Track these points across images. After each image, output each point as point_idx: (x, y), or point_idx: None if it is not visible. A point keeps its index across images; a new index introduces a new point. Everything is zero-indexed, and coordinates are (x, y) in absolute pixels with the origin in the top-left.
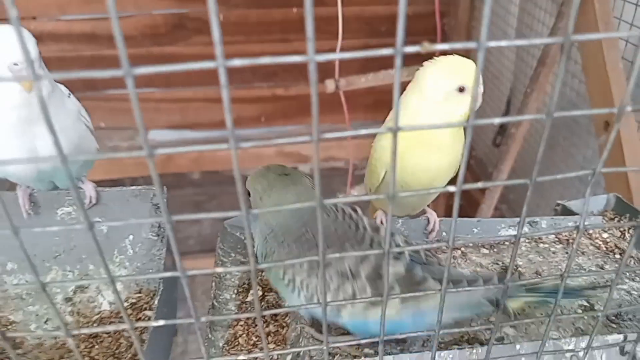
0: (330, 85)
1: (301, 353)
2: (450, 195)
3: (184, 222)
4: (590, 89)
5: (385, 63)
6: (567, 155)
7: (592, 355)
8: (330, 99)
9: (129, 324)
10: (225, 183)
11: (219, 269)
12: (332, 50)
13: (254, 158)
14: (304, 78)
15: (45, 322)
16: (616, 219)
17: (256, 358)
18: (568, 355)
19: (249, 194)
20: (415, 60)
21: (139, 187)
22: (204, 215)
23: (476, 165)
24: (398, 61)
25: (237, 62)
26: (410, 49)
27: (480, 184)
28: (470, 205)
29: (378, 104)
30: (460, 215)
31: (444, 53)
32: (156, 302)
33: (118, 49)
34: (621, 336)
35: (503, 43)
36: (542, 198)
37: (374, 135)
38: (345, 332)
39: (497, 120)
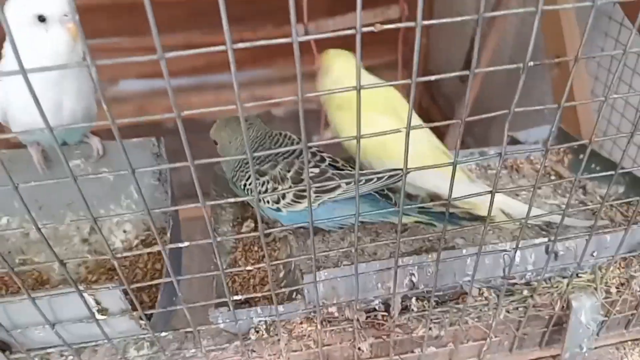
0: (299, 31)
1: (292, 267)
2: None
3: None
4: (543, 26)
5: (352, 5)
6: (526, 88)
7: (524, 256)
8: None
9: (161, 245)
10: (201, 131)
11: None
12: None
13: (229, 103)
14: (271, 21)
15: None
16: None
17: (259, 268)
18: (502, 254)
19: (215, 142)
20: (383, 1)
21: (140, 138)
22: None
23: (443, 101)
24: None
25: None
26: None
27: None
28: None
29: (346, 45)
30: None
31: None
32: (169, 234)
33: None
34: (545, 239)
35: None
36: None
37: None
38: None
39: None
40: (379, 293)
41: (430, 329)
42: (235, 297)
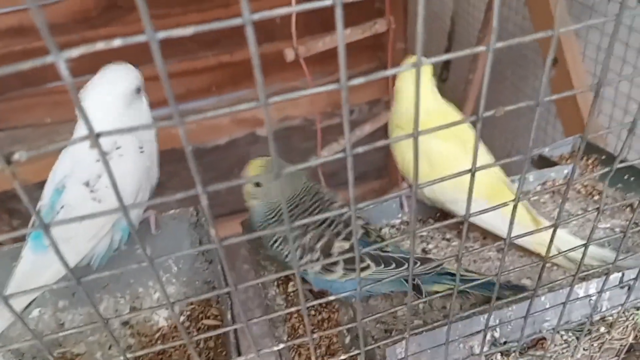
0: (289, 54)
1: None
2: None
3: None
4: (536, 26)
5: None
6: (516, 89)
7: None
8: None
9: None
10: (184, 160)
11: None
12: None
13: (210, 129)
14: (247, 42)
15: (109, 349)
16: (584, 159)
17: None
18: (584, 300)
19: (257, 184)
20: (366, 16)
21: (177, 210)
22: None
23: None
24: None
25: (162, 35)
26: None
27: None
28: None
29: (333, 57)
30: None
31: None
32: (228, 314)
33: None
34: (620, 274)
35: None
36: (500, 136)
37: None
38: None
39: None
40: (461, 354)
41: None
42: None
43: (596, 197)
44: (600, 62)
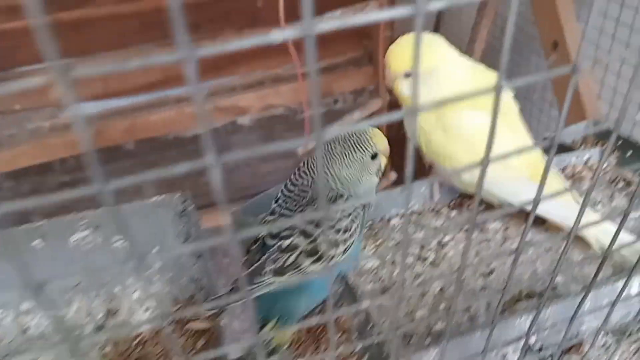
0: (277, 35)
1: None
2: None
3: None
4: (536, 8)
5: (331, 4)
6: (511, 75)
7: None
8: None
9: None
10: (163, 149)
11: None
12: None
13: (190, 117)
14: (229, 26)
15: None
16: (598, 144)
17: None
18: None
19: None
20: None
21: (162, 195)
22: None
23: None
24: None
25: None
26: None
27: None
28: None
29: (319, 43)
30: None
31: None
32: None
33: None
34: None
35: None
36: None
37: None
38: None
39: None
40: None
41: None
42: None
43: (620, 185)
44: (601, 46)
